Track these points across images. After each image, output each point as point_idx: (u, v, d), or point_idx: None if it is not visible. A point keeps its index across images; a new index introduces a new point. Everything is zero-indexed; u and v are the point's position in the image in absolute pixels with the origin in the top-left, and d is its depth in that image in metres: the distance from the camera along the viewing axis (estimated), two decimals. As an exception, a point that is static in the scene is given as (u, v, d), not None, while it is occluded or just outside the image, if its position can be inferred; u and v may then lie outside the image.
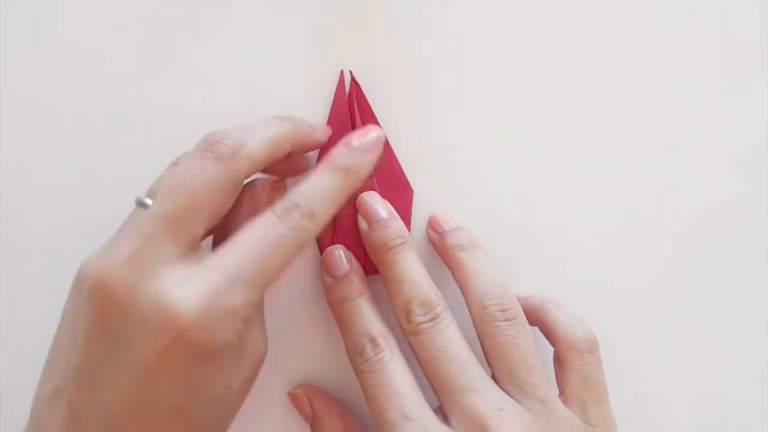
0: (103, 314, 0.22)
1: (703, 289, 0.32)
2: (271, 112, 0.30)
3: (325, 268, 0.29)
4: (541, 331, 0.28)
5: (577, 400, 0.26)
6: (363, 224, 0.29)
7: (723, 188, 0.32)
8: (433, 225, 0.30)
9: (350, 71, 0.31)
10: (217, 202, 0.24)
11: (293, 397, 0.30)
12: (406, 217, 0.30)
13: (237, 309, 0.23)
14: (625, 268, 0.31)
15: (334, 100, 0.31)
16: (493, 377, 0.26)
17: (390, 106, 0.31)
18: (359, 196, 0.29)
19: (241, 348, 0.23)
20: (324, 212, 0.25)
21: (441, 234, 0.30)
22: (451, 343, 0.26)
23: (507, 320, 0.26)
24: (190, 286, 0.22)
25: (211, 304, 0.22)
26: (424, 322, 0.26)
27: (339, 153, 0.26)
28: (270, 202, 0.27)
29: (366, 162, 0.26)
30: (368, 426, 0.30)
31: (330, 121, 0.31)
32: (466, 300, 0.28)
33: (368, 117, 0.31)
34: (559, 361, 0.27)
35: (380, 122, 0.31)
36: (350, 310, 0.28)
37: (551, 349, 0.28)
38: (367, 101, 0.31)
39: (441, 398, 0.26)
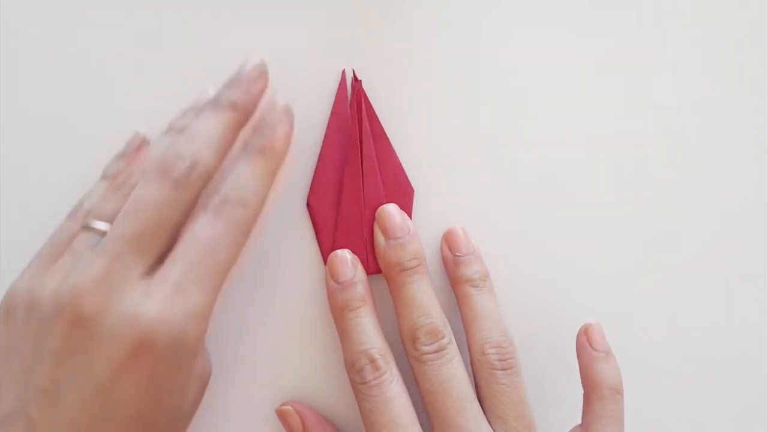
0: (73, 333, 0.23)
1: (705, 288, 0.32)
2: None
3: (330, 272, 0.29)
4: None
5: None
6: (380, 238, 0.29)
7: (724, 187, 0.32)
8: (449, 242, 0.30)
9: (352, 70, 0.31)
10: (177, 220, 0.25)
11: (283, 415, 0.29)
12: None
13: (195, 309, 0.24)
14: (627, 266, 0.31)
15: (336, 98, 0.31)
16: (484, 412, 0.27)
17: (391, 106, 0.31)
18: (380, 208, 0.29)
19: (194, 357, 0.25)
20: (257, 197, 0.26)
21: (456, 259, 0.29)
22: (453, 378, 0.27)
23: (503, 369, 0.27)
24: (149, 299, 0.24)
25: (172, 312, 0.23)
26: (429, 353, 0.27)
27: (252, 138, 0.27)
28: None
29: (280, 136, 0.27)
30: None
31: (332, 120, 0.30)
32: (467, 337, 0.28)
33: (370, 115, 0.30)
34: (589, 403, 0.28)
35: (381, 121, 0.31)
36: (351, 322, 0.28)
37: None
38: (368, 99, 0.31)
39: (436, 429, 0.27)
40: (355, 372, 0.27)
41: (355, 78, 0.31)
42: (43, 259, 0.26)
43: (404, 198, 0.30)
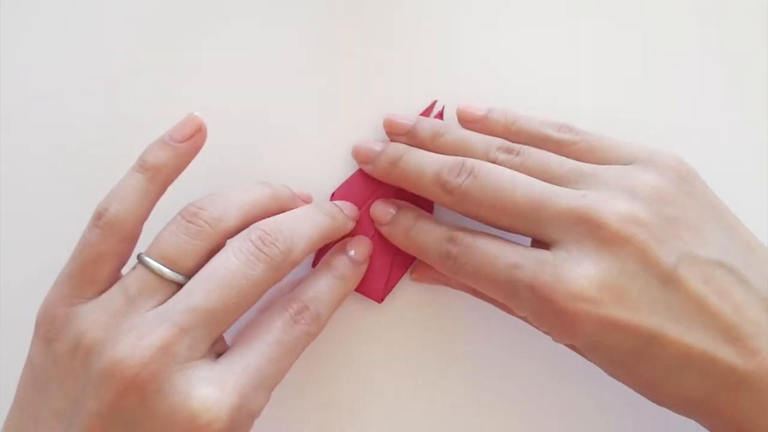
0: (123, 400, 0.22)
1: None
2: (273, 111, 0.31)
3: (375, 221, 0.29)
4: None
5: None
6: (367, 166, 0.30)
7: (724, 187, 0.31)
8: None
9: (443, 105, 0.31)
10: (254, 300, 0.24)
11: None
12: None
13: (256, 412, 0.24)
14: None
15: None
16: None
17: (385, 103, 0.31)
18: (355, 146, 0.30)
19: None
20: (327, 315, 0.27)
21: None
22: (501, 177, 0.25)
23: (517, 154, 0.27)
24: (221, 389, 0.22)
25: (240, 410, 0.22)
26: (464, 181, 0.26)
27: (340, 262, 0.28)
28: None
29: (360, 272, 0.29)
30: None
31: None
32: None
33: None
34: None
35: (379, 119, 0.30)
36: (416, 234, 0.28)
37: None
38: None
39: (525, 226, 0.25)
40: (444, 259, 0.26)
41: (441, 113, 0.31)
42: (77, 285, 0.24)
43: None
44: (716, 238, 0.24)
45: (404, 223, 0.28)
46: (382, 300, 0.30)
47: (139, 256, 0.24)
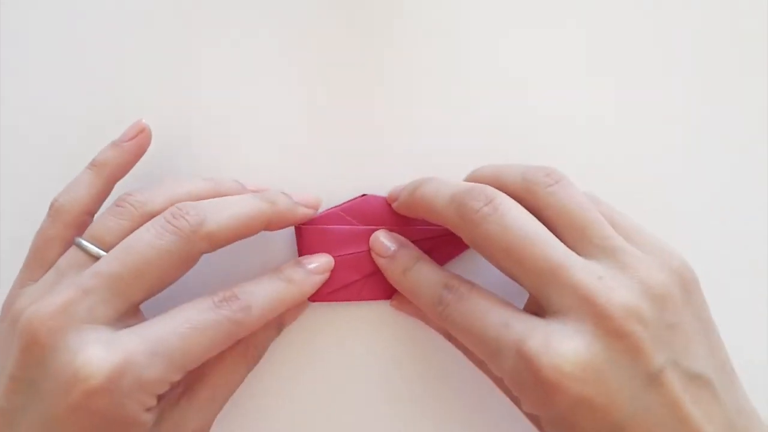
0: (27, 359, 0.23)
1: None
2: (273, 112, 0.31)
3: (373, 251, 0.29)
4: None
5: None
6: (394, 203, 0.29)
7: (723, 186, 0.32)
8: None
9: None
10: (164, 273, 0.25)
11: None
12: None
13: (149, 383, 0.23)
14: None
15: None
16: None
17: (384, 105, 0.31)
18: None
19: (157, 425, 0.24)
20: (262, 310, 0.26)
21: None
22: (524, 222, 0.25)
23: (557, 182, 0.26)
24: (107, 349, 0.23)
25: (122, 372, 0.22)
26: (482, 208, 0.25)
27: (290, 267, 0.28)
28: None
29: (312, 282, 0.28)
30: None
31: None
32: (506, 190, 0.26)
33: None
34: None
35: (377, 122, 0.31)
36: (414, 276, 0.28)
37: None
38: None
39: (531, 282, 0.24)
40: (436, 304, 0.26)
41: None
42: (29, 268, 0.26)
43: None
44: (702, 351, 0.24)
45: (403, 263, 0.28)
46: (312, 302, 0.29)
47: (74, 241, 0.26)
